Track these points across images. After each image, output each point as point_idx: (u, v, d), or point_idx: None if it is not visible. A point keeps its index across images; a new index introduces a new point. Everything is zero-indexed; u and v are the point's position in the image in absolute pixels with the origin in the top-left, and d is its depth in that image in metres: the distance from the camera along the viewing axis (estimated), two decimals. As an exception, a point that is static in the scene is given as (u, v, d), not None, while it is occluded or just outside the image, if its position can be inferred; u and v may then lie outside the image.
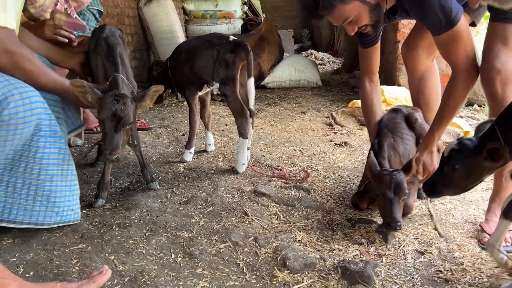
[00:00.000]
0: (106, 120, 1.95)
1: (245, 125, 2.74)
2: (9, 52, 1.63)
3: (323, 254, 1.91)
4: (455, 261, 1.90)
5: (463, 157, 1.64)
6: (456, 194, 1.85)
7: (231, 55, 2.65)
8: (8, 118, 1.59)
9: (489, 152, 1.57)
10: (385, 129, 2.39)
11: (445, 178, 1.71)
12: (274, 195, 2.48)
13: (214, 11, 9.01)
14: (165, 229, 2.03)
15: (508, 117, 1.59)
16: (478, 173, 1.66)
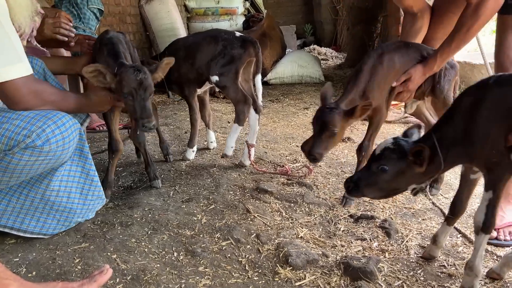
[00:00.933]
0: (133, 91, 1.96)
1: (246, 112, 2.74)
2: (35, 92, 1.75)
3: (325, 251, 1.90)
4: (459, 256, 1.89)
5: (395, 158, 1.56)
6: (377, 198, 1.75)
7: (239, 51, 2.63)
8: (48, 149, 1.71)
9: (415, 156, 1.52)
10: None
11: (370, 178, 1.61)
12: (276, 191, 2.47)
13: (216, 8, 8.98)
14: (167, 227, 2.03)
15: (444, 124, 1.56)
16: (405, 179, 1.58)
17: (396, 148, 1.57)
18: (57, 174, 1.90)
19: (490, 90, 1.48)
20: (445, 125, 1.56)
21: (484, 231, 1.57)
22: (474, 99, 1.51)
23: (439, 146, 1.53)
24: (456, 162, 1.62)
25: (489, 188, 1.53)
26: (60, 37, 2.30)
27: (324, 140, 2.08)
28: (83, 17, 3.42)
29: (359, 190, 1.64)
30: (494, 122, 1.46)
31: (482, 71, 5.22)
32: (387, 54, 2.24)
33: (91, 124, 3.65)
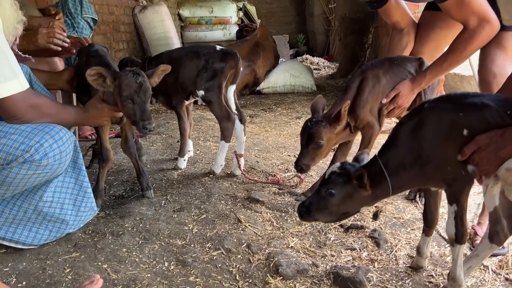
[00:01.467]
0: (133, 94, 1.99)
1: (230, 128, 2.78)
2: (33, 106, 1.77)
3: (315, 260, 1.92)
4: (447, 266, 1.91)
5: (342, 182, 1.59)
6: (329, 221, 1.77)
7: (220, 64, 2.67)
8: (46, 163, 1.73)
9: (358, 179, 1.55)
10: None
11: (320, 202, 1.62)
12: (267, 201, 2.49)
13: (209, 17, 9.06)
14: (158, 237, 2.04)
15: (388, 150, 1.60)
16: (353, 202, 1.61)
17: (342, 172, 1.60)
18: (51, 185, 1.90)
19: (427, 113, 1.53)
20: (389, 151, 1.60)
21: (458, 242, 1.60)
22: (414, 125, 1.54)
23: (386, 170, 1.56)
24: (410, 185, 1.68)
25: (453, 202, 1.56)
26: (54, 47, 2.31)
27: (311, 152, 2.18)
28: (77, 26, 3.43)
29: (310, 215, 1.65)
30: (439, 141, 1.50)
31: (471, 82, 5.30)
32: (372, 72, 2.30)
33: (84, 133, 3.65)
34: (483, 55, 2.24)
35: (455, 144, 1.48)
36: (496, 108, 1.44)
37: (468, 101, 1.49)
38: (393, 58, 2.42)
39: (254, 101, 5.85)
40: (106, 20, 5.43)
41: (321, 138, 2.15)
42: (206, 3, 9.18)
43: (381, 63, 2.36)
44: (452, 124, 1.48)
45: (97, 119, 2.11)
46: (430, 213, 1.81)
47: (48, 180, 1.88)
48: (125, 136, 2.44)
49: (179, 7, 8.94)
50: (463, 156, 1.46)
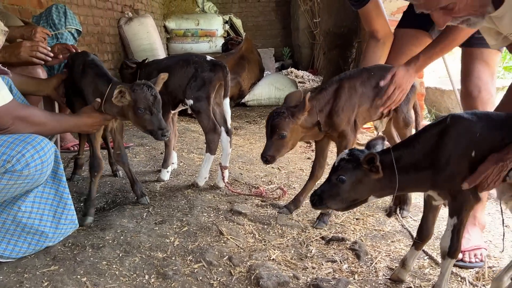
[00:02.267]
0: (151, 106, 2.09)
1: (216, 141, 2.80)
2: (19, 117, 1.80)
3: (296, 272, 1.93)
4: (425, 278, 1.95)
5: (351, 168, 1.61)
6: (342, 209, 1.83)
7: (209, 74, 2.69)
8: (27, 173, 1.73)
9: (368, 163, 1.57)
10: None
11: (331, 189, 1.65)
12: (250, 213, 2.50)
13: (195, 29, 9.10)
14: (139, 249, 2.02)
15: (405, 147, 1.64)
16: (363, 188, 1.63)
17: (351, 158, 1.62)
18: (30, 195, 1.88)
19: (452, 125, 1.57)
20: (406, 148, 1.63)
21: (450, 256, 1.63)
22: (438, 132, 1.59)
23: (396, 164, 1.59)
24: (416, 187, 1.69)
25: (454, 214, 1.61)
26: (36, 61, 2.31)
27: (275, 143, 2.22)
28: (61, 37, 3.42)
29: (322, 203, 1.67)
30: (457, 153, 1.55)
31: (452, 97, 5.43)
32: (350, 81, 2.33)
33: (66, 144, 3.62)
34: (467, 71, 2.32)
35: (470, 159, 1.54)
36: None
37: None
38: (371, 69, 2.44)
39: (239, 113, 5.88)
40: (91, 31, 5.42)
41: (283, 129, 2.17)
42: (192, 16, 9.23)
43: (359, 74, 2.38)
44: (471, 141, 1.54)
45: (89, 127, 2.15)
46: (426, 227, 1.81)
47: (28, 190, 1.87)
48: (117, 146, 2.47)
49: (165, 19, 8.97)
50: (469, 185, 1.53)
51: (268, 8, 11.76)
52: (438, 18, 1.46)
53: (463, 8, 1.41)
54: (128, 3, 6.83)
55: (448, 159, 1.55)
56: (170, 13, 9.31)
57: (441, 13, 1.44)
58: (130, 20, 6.51)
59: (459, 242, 1.62)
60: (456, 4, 1.40)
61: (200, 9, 10.11)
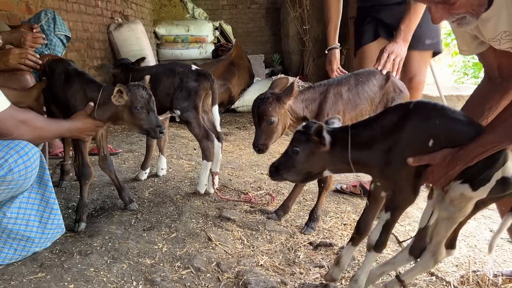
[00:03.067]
0: (147, 105, 2.16)
1: (211, 148, 2.80)
2: (22, 121, 1.84)
3: (284, 278, 1.94)
4: (412, 283, 1.97)
5: (304, 139, 1.62)
6: (298, 181, 1.79)
7: (194, 84, 2.70)
8: (11, 178, 1.74)
9: (317, 135, 1.58)
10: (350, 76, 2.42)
11: (287, 161, 1.66)
12: (239, 219, 2.51)
13: (185, 35, 9.11)
14: (127, 256, 2.02)
15: (362, 127, 1.64)
16: (317, 159, 1.63)
17: (305, 130, 1.63)
18: (16, 201, 1.88)
19: (413, 115, 1.54)
20: (364, 127, 1.63)
21: (375, 249, 1.66)
22: (399, 117, 1.56)
23: (351, 141, 1.59)
24: (367, 169, 1.66)
25: (388, 210, 1.62)
26: (25, 68, 2.31)
27: (265, 131, 2.15)
28: (49, 43, 3.42)
29: (279, 174, 1.68)
30: (412, 146, 1.54)
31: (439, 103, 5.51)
32: (336, 87, 2.33)
33: (54, 150, 3.60)
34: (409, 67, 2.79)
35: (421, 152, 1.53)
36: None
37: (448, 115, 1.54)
38: (359, 75, 2.43)
39: (229, 119, 5.90)
40: (80, 37, 5.41)
41: (271, 115, 2.12)
42: (182, 22, 9.25)
43: (347, 80, 2.38)
44: (426, 134, 1.53)
45: (81, 132, 2.17)
46: (365, 221, 1.75)
47: (13, 196, 1.86)
48: (103, 153, 2.48)
49: (155, 25, 8.97)
50: (413, 162, 1.52)
51: (258, 15, 11.82)
52: (436, 13, 1.46)
53: (463, 5, 1.42)
54: (118, 9, 6.83)
55: (403, 145, 1.54)
56: (160, 19, 9.31)
57: (439, 7, 1.44)
58: (120, 26, 6.51)
59: (387, 238, 1.65)
60: (458, 0, 1.41)
61: (190, 15, 10.13)
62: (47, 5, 4.55)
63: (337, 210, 2.74)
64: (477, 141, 1.47)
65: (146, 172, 3.15)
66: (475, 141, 1.47)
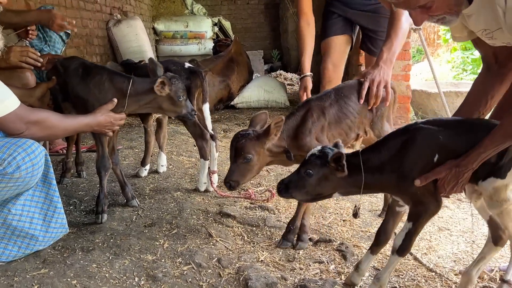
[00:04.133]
0: (185, 93, 2.37)
1: (206, 147, 2.83)
2: (33, 122, 1.88)
3: (284, 274, 1.97)
4: (410, 278, 1.99)
5: (320, 164, 1.66)
6: (306, 200, 1.82)
7: (186, 82, 2.71)
8: (19, 176, 1.76)
9: (335, 162, 1.62)
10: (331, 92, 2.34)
11: (298, 181, 1.70)
12: (239, 216, 2.53)
13: (184, 31, 9.10)
14: (129, 252, 2.04)
15: (372, 151, 1.71)
16: (328, 184, 1.68)
17: (320, 154, 1.68)
18: (20, 198, 1.90)
19: (419, 133, 1.64)
20: (372, 152, 1.70)
21: (398, 253, 1.71)
22: (405, 140, 1.65)
23: (363, 166, 1.64)
24: (381, 189, 1.77)
25: (411, 220, 1.67)
26: (26, 66, 2.32)
27: (239, 167, 2.05)
28: (49, 40, 3.42)
29: (288, 192, 1.73)
30: (422, 161, 1.62)
31: (437, 99, 5.53)
32: (316, 103, 2.25)
33: (54, 147, 3.61)
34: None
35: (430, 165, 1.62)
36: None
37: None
38: (340, 89, 2.36)
39: (228, 116, 5.91)
40: (79, 33, 5.40)
41: (249, 152, 2.02)
42: (181, 18, 9.23)
43: (327, 96, 2.30)
44: (433, 150, 1.62)
45: (102, 127, 2.22)
46: (384, 232, 1.83)
47: (18, 194, 1.88)
48: (112, 147, 2.55)
49: (154, 21, 8.96)
50: (420, 183, 1.59)
51: (257, 11, 11.81)
52: (416, 16, 1.52)
53: (440, 7, 1.47)
54: (117, 5, 6.82)
55: (412, 166, 1.63)
56: (159, 15, 9.30)
57: (418, 11, 1.49)
58: (118, 22, 6.50)
59: (410, 244, 1.70)
60: (434, 3, 1.46)
61: (189, 11, 10.12)
62: (46, 1, 4.55)
63: (336, 206, 2.76)
64: (478, 148, 1.55)
65: (146, 169, 3.18)
66: (477, 148, 1.55)
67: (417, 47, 10.37)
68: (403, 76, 4.99)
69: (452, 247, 2.31)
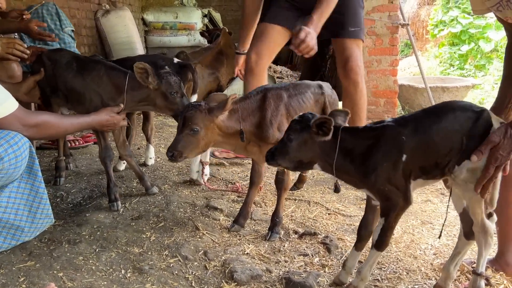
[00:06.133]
0: (179, 89, 2.30)
1: None
2: (32, 125, 1.90)
3: (269, 266, 2.00)
4: (392, 270, 2.04)
5: (300, 128, 1.68)
6: (290, 168, 1.82)
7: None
8: (1, 167, 1.77)
9: (319, 126, 1.63)
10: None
11: (282, 148, 1.72)
12: (226, 209, 2.56)
13: (174, 22, 9.03)
14: (116, 244, 2.06)
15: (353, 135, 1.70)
16: (308, 150, 1.69)
17: (300, 119, 1.70)
18: (5, 190, 1.90)
19: (384, 134, 1.65)
20: (350, 135, 1.69)
21: (376, 248, 1.72)
22: (373, 139, 1.66)
23: (340, 144, 1.66)
24: (349, 177, 1.73)
25: (382, 216, 1.69)
26: (12, 58, 2.31)
27: (185, 138, 1.98)
28: (62, 42, 3.39)
29: (274, 159, 1.75)
30: (387, 161, 1.62)
31: (424, 94, 5.59)
32: (274, 91, 2.23)
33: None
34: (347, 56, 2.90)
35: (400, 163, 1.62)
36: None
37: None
38: (297, 86, 2.36)
39: (217, 108, 5.91)
40: (67, 23, 5.34)
41: (197, 124, 1.96)
42: (170, 9, 9.15)
43: (286, 87, 2.30)
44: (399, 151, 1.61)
45: (102, 126, 2.26)
46: (365, 227, 1.85)
47: (3, 186, 1.88)
48: (123, 140, 2.61)
49: (143, 12, 8.87)
50: (478, 159, 1.53)
51: (247, 2, 11.75)
52: None
53: None
54: (105, -5, 6.74)
55: (375, 165, 1.63)
56: (148, 5, 9.21)
57: None
58: (107, 13, 6.43)
59: (386, 239, 1.70)
60: None
61: (179, 2, 10.04)
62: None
63: (322, 199, 2.80)
64: None
65: (124, 162, 3.12)
66: None
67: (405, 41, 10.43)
68: (390, 71, 5.04)
69: (434, 241, 2.36)
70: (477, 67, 8.49)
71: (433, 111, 1.67)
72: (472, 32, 8.73)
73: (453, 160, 1.60)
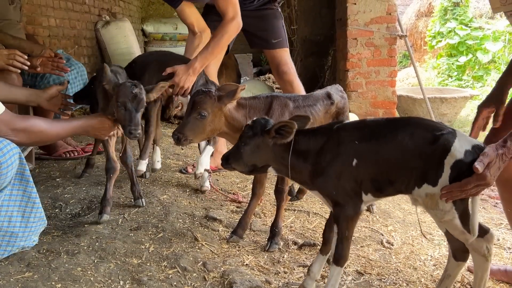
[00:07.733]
0: (127, 102, 2.12)
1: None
2: (19, 130, 1.86)
3: (269, 277, 1.99)
4: (392, 282, 2.03)
5: (252, 133, 1.70)
6: (245, 172, 1.83)
7: None
8: None
9: (277, 131, 1.65)
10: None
11: (236, 152, 1.75)
12: (225, 219, 2.55)
13: (173, 33, 9.09)
14: (114, 255, 2.05)
15: (306, 136, 1.72)
16: (261, 154, 1.71)
17: (253, 124, 1.72)
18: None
19: (335, 138, 1.66)
20: (303, 137, 1.70)
21: (334, 262, 1.68)
22: (325, 140, 1.67)
23: (293, 146, 1.67)
24: (302, 177, 1.74)
25: (335, 223, 1.68)
26: (12, 69, 2.32)
27: (192, 122, 2.00)
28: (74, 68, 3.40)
29: (228, 163, 1.78)
30: (338, 164, 1.63)
31: (423, 105, 5.62)
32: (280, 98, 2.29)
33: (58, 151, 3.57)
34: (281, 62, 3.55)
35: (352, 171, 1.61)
36: None
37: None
38: (308, 98, 2.39)
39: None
40: (67, 34, 5.38)
41: (205, 109, 1.98)
42: (170, 20, 9.21)
43: (295, 97, 2.35)
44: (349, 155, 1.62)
45: (96, 130, 2.23)
46: (329, 231, 1.84)
47: None
48: (124, 148, 2.61)
49: (143, 23, 8.93)
50: (480, 169, 1.44)
51: (246, 14, 11.83)
52: None
53: None
54: (106, 7, 6.79)
55: (325, 167, 1.63)
56: (148, 16, 9.28)
57: None
58: (107, 24, 6.48)
59: (343, 251, 1.65)
60: None
61: (178, 13, 10.11)
62: (33, 2, 4.53)
63: (321, 210, 2.80)
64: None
65: (146, 162, 3.00)
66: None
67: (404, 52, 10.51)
68: (389, 82, 5.08)
69: (434, 252, 2.36)
70: (475, 78, 8.56)
71: (394, 122, 1.66)
72: (470, 44, 8.81)
73: (411, 181, 1.56)
